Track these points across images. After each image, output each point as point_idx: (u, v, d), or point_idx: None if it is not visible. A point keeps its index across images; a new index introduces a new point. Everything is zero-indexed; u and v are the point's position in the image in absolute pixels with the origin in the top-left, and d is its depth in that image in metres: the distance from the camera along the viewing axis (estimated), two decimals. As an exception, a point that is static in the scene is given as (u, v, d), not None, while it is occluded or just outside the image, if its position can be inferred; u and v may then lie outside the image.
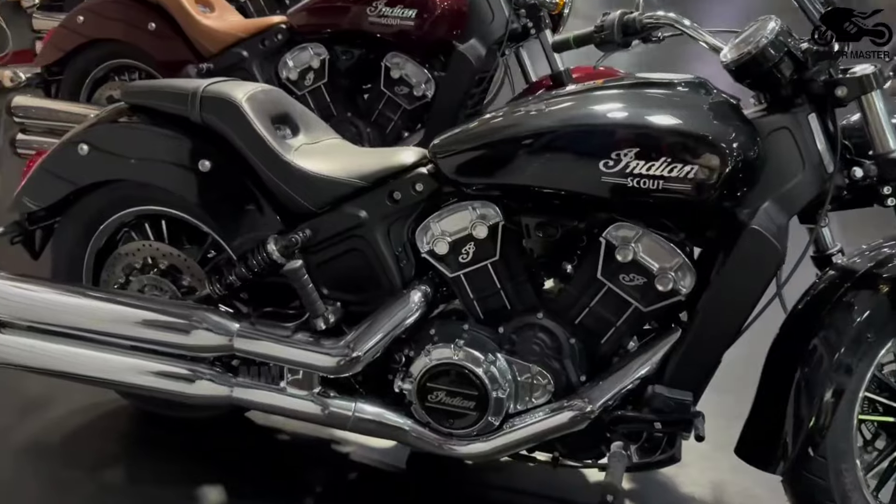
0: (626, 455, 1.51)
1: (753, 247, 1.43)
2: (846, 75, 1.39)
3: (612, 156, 1.41)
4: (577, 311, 1.58)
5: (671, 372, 1.52)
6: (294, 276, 1.59)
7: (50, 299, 1.78)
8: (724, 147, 1.38)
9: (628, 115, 1.45)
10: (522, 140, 1.51)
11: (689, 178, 1.38)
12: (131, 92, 1.83)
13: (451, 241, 1.61)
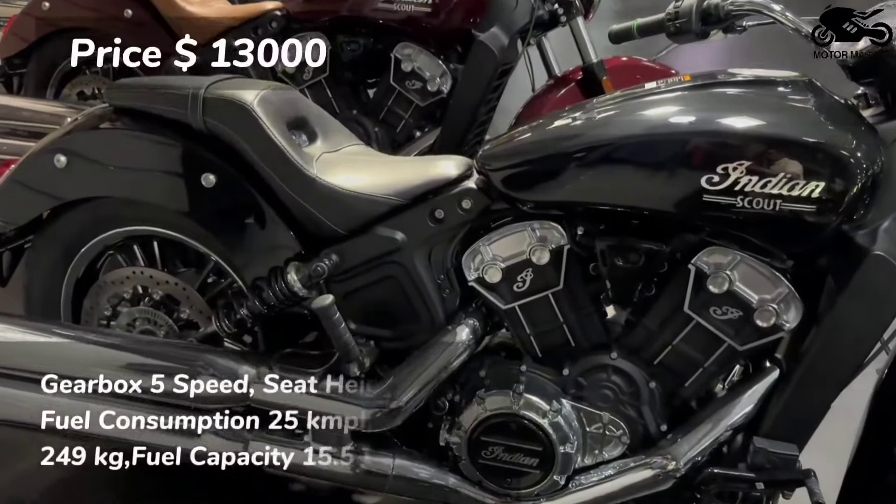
0: (716, 521, 1.29)
1: (876, 275, 1.21)
2: None
3: (718, 170, 1.17)
4: (658, 350, 1.36)
5: (771, 420, 1.31)
6: (324, 314, 1.34)
7: (18, 338, 1.51)
8: (852, 159, 1.16)
9: (737, 120, 1.21)
10: (599, 149, 1.27)
11: (814, 198, 1.16)
12: (117, 92, 1.56)
13: (504, 267, 1.37)
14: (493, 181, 1.37)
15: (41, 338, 1.50)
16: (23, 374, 1.50)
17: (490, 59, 2.32)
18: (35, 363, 1.49)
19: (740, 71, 1.32)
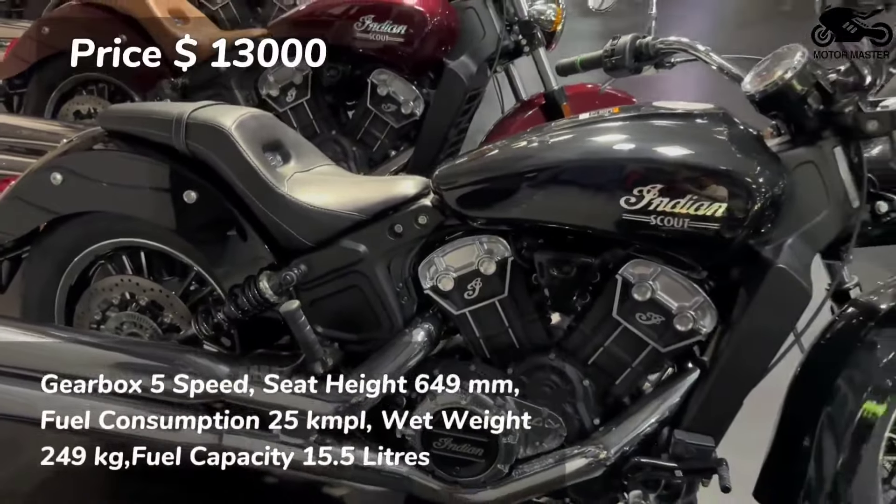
0: None
1: (780, 286, 1.37)
2: (877, 109, 1.33)
3: (634, 192, 1.33)
4: (591, 352, 1.51)
5: (691, 415, 1.45)
6: (291, 317, 1.49)
7: (16, 340, 1.65)
8: (752, 183, 1.32)
9: (652, 148, 1.37)
10: (538, 173, 1.42)
11: (717, 217, 1.31)
12: (109, 116, 1.72)
13: (456, 276, 1.52)
14: (446, 200, 1.52)
15: (37, 339, 1.64)
16: (20, 373, 1.64)
17: (459, 85, 2.48)
18: (31, 362, 1.63)
19: (663, 104, 1.48)
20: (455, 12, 2.51)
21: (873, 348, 1.44)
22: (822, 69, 1.35)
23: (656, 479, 1.46)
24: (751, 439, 1.49)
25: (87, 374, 1.60)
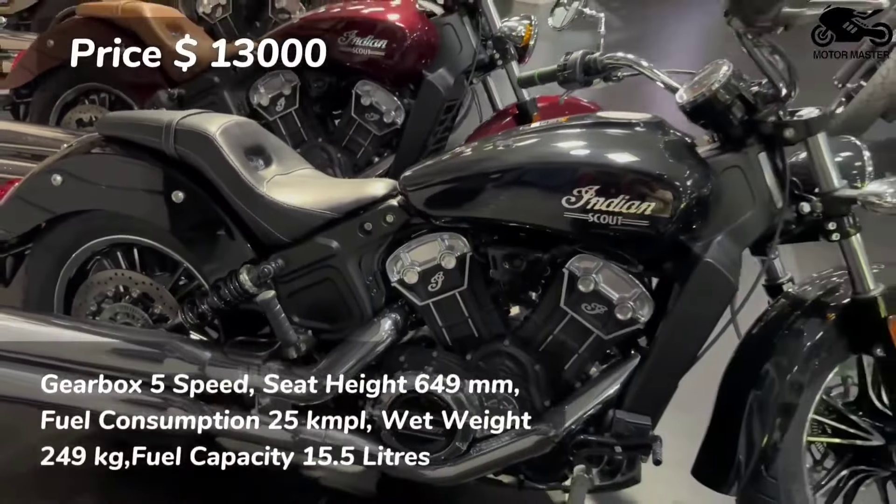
0: (587, 478, 1.57)
1: (707, 279, 1.50)
2: (793, 118, 1.47)
3: (573, 193, 1.47)
4: (542, 339, 1.64)
5: (631, 397, 1.59)
6: (267, 306, 1.63)
7: (19, 328, 1.79)
8: (678, 185, 1.46)
9: (589, 153, 1.52)
10: (490, 175, 1.57)
11: (646, 215, 1.45)
12: (106, 123, 1.86)
13: (420, 270, 1.66)
14: (411, 200, 1.67)
15: (38, 327, 1.79)
16: (22, 357, 1.78)
17: (436, 95, 2.63)
18: (33, 348, 1.77)
19: (607, 114, 1.63)
20: (434, 28, 2.66)
21: (799, 336, 1.58)
22: (746, 82, 1.49)
23: (599, 454, 1.60)
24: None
25: (83, 359, 1.75)
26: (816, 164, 1.48)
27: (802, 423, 1.58)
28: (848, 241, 1.50)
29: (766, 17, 1.34)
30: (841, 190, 1.47)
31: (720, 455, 1.60)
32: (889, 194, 1.42)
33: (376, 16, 2.65)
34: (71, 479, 1.92)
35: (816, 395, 1.59)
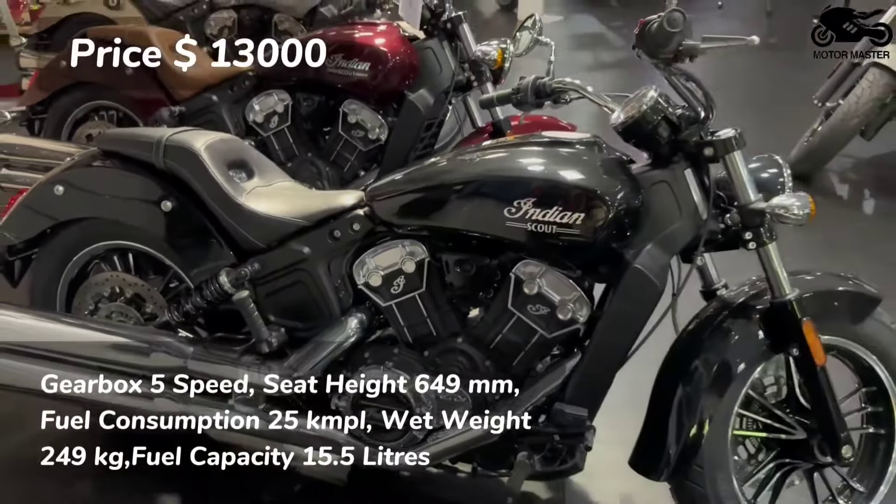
0: (528, 463, 1.72)
1: (635, 283, 1.65)
2: (713, 137, 1.62)
3: (514, 204, 1.63)
4: (492, 338, 1.79)
5: (570, 391, 1.74)
6: (241, 304, 1.80)
7: (24, 324, 1.96)
8: (606, 197, 1.61)
9: (529, 169, 1.68)
10: (442, 188, 1.73)
11: (577, 224, 1.61)
12: (104, 139, 2.05)
13: (383, 274, 1.81)
14: (375, 210, 1.83)
15: (42, 324, 1.96)
16: (28, 350, 1.95)
17: (417, 114, 2.80)
18: (37, 341, 1.94)
19: (550, 133, 1.79)
20: (415, 51, 2.84)
21: (724, 336, 1.72)
22: (672, 105, 1.65)
23: (541, 443, 1.75)
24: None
25: (79, 353, 1.92)
26: (733, 179, 1.63)
27: (728, 417, 1.72)
28: (764, 249, 1.64)
29: (667, 51, 1.49)
30: (755, 203, 1.61)
31: (653, 445, 1.74)
32: (796, 206, 1.57)
33: (361, 40, 2.83)
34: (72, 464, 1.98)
35: (741, 391, 1.72)
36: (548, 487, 2.11)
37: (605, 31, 7.89)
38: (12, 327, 1.96)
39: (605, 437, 1.83)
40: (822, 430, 1.71)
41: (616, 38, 7.78)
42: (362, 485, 2.11)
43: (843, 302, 1.75)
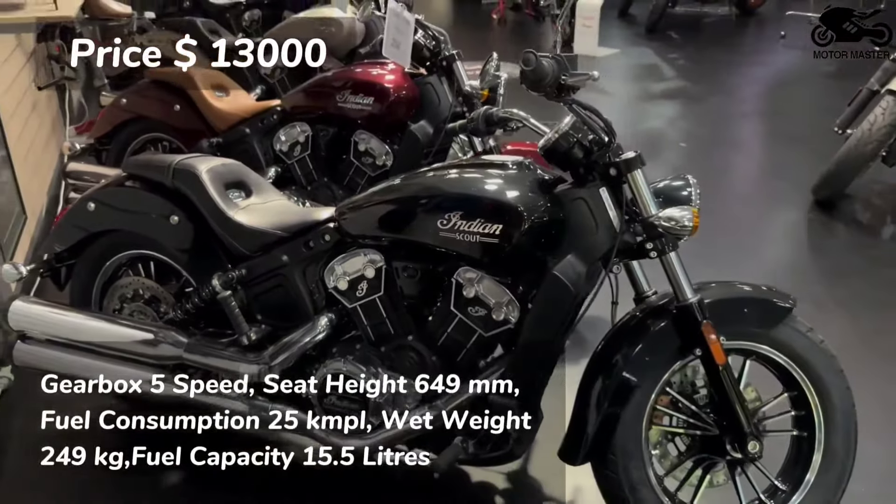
0: (461, 446, 1.94)
1: (552, 287, 1.86)
2: (618, 159, 1.83)
3: (445, 216, 1.88)
4: (439, 336, 2.03)
5: (504, 384, 1.95)
6: (224, 302, 2.12)
7: (63, 319, 2.33)
8: (522, 210, 1.84)
9: (460, 186, 1.93)
10: (392, 203, 2.01)
11: (496, 234, 1.84)
12: (129, 164, 2.42)
13: (349, 279, 2.08)
14: (342, 224, 2.11)
15: (74, 319, 2.33)
16: (62, 340, 2.32)
17: (416, 143, 3.09)
18: (76, 335, 2.29)
19: (490, 157, 2.03)
20: (416, 87, 3.15)
21: (641, 337, 1.90)
22: (584, 131, 1.86)
23: (476, 429, 1.97)
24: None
25: (103, 342, 2.27)
26: (636, 195, 1.83)
27: (641, 411, 1.89)
28: (666, 257, 1.83)
29: (545, 87, 1.71)
30: (653, 217, 1.80)
31: (574, 435, 1.93)
32: (685, 219, 1.75)
33: (367, 78, 3.16)
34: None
35: (655, 388, 1.90)
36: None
37: (659, 63, 8.01)
38: (52, 321, 2.33)
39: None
40: (729, 426, 1.86)
41: (670, 69, 7.89)
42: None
43: (752, 308, 1.90)
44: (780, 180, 4.72)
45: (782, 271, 3.54)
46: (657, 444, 1.96)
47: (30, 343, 2.35)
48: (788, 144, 5.46)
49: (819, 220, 4.12)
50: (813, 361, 1.92)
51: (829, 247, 3.93)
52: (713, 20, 9.54)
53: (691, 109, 6.51)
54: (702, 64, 7.86)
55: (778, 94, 6.90)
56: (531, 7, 9.18)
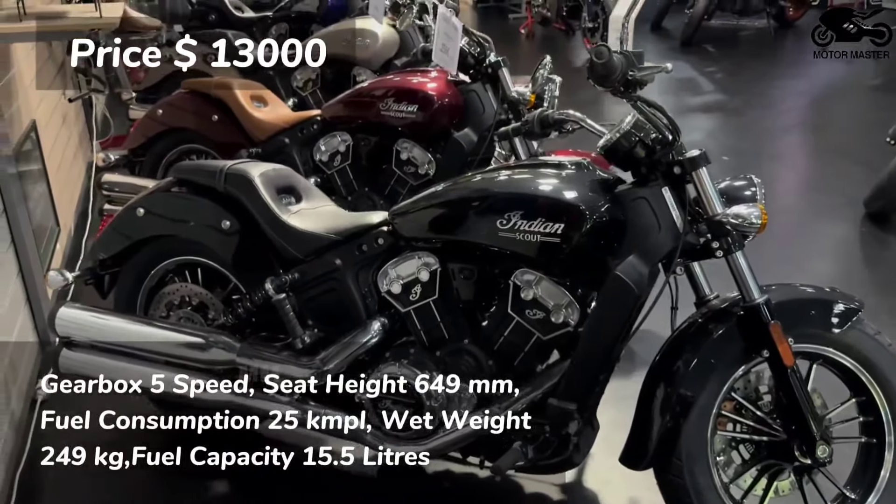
0: (521, 451, 1.99)
1: (614, 288, 1.91)
2: (682, 157, 1.89)
3: (504, 216, 1.95)
4: (495, 340, 2.09)
5: (561, 388, 2.00)
6: (279, 305, 2.19)
7: (114, 324, 2.41)
8: (583, 210, 1.90)
9: (518, 186, 2.00)
10: (448, 205, 2.08)
11: (558, 234, 1.90)
12: (178, 169, 2.52)
13: (403, 283, 2.15)
14: (397, 227, 2.19)
15: (122, 324, 2.41)
16: (107, 346, 2.41)
17: (460, 151, 3.17)
18: (127, 339, 2.36)
19: (546, 157, 2.10)
20: (460, 94, 3.23)
21: (705, 340, 1.95)
22: (647, 129, 1.92)
23: (535, 434, 2.02)
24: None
25: (152, 348, 2.35)
26: (701, 194, 1.88)
27: (706, 415, 1.93)
28: (732, 257, 1.88)
29: (612, 80, 1.78)
30: (720, 215, 1.86)
31: (637, 440, 1.97)
32: (753, 216, 1.80)
33: (410, 86, 3.25)
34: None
35: (721, 391, 1.93)
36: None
37: (696, 76, 8.08)
38: (97, 327, 2.41)
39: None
40: (797, 430, 1.90)
41: (707, 82, 7.96)
42: (365, 485, 2.28)
43: (819, 310, 1.94)
44: (829, 193, 4.76)
45: (836, 283, 3.55)
46: (721, 452, 1.99)
47: (76, 350, 2.43)
48: (835, 157, 5.49)
49: (872, 232, 4.14)
50: (881, 365, 1.95)
51: (883, 259, 3.95)
52: (750, 33, 9.62)
53: (731, 122, 6.57)
54: (740, 77, 7.93)
55: (821, 106, 6.93)
56: (561, 21, 9.31)
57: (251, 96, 3.63)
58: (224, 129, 3.59)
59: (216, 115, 3.62)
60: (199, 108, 3.65)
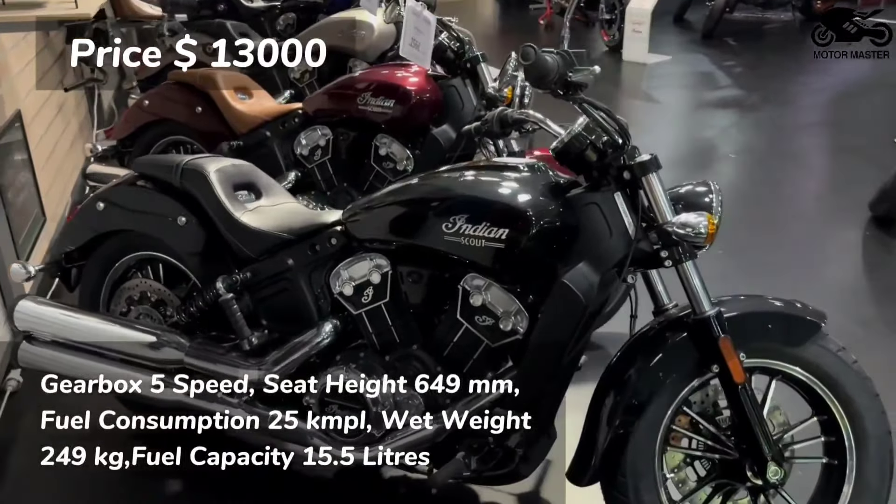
0: (463, 462, 1.94)
1: (561, 296, 1.85)
2: (633, 162, 1.82)
3: (450, 220, 1.89)
4: (446, 345, 2.04)
5: (510, 398, 1.95)
6: (225, 305, 2.16)
7: (67, 320, 2.41)
8: (530, 215, 1.84)
9: (465, 189, 1.94)
10: (398, 207, 2.03)
11: (503, 239, 1.85)
12: (138, 163, 2.50)
13: (355, 285, 2.11)
14: (349, 227, 2.15)
15: (83, 320, 2.40)
16: (66, 342, 2.40)
17: (438, 147, 3.12)
18: (79, 336, 2.36)
19: (500, 159, 2.04)
20: (439, 89, 3.18)
21: (655, 353, 1.88)
22: (598, 133, 1.86)
23: (479, 445, 1.97)
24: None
25: (108, 345, 2.33)
26: (651, 200, 1.81)
27: (654, 431, 1.87)
28: (682, 266, 1.81)
29: (549, 83, 1.71)
30: (668, 223, 1.79)
31: (583, 454, 1.91)
32: (701, 225, 1.73)
33: (389, 80, 3.21)
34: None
35: (670, 407, 1.87)
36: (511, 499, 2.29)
37: (714, 70, 7.93)
38: (58, 322, 2.40)
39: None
40: (748, 449, 1.83)
41: (725, 77, 7.81)
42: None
43: (777, 324, 1.86)
44: (837, 194, 4.64)
45: (834, 290, 3.47)
46: (676, 468, 1.93)
47: (35, 344, 2.43)
48: (846, 157, 5.35)
49: (875, 236, 4.02)
50: (844, 382, 1.87)
51: (885, 265, 3.83)
52: (775, 26, 9.42)
53: (746, 119, 6.43)
54: (760, 71, 7.77)
55: (841, 104, 6.76)
56: (580, 12, 9.18)
57: (236, 88, 3.61)
58: (207, 121, 3.58)
59: (200, 107, 3.60)
60: (184, 100, 3.65)
